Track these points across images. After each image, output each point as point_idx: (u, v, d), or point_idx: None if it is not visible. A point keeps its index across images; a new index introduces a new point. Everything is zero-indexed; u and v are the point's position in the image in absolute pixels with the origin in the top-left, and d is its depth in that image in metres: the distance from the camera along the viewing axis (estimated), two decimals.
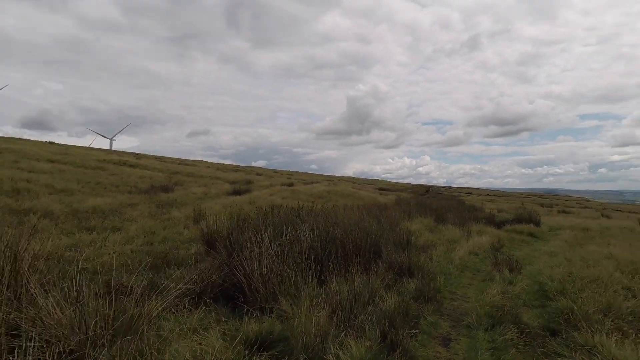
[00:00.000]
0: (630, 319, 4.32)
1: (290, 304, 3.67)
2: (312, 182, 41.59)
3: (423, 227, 11.71)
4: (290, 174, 65.55)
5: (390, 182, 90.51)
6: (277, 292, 3.87)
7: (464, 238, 10.21)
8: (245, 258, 4.09)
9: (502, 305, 4.55)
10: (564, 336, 3.86)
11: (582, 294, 4.90)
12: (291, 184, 30.96)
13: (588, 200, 76.63)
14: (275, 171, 66.67)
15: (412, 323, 4.00)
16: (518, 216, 15.53)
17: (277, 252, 4.47)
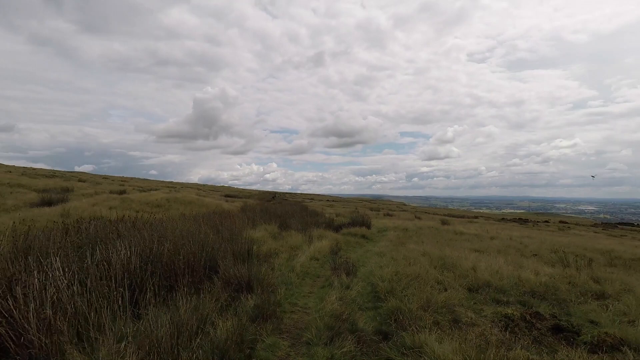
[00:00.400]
0: (443, 311, 4.80)
1: (87, 355, 2.71)
2: (151, 190, 37.51)
3: (267, 235, 11.48)
4: (124, 180, 57.82)
5: (238, 188, 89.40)
6: (67, 341, 2.83)
7: (306, 243, 10.37)
8: (17, 298, 2.89)
9: (340, 314, 4.49)
10: (394, 338, 3.96)
11: (407, 292, 5.28)
12: (123, 192, 27.12)
13: (405, 204, 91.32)
14: (105, 177, 57.79)
15: (248, 350, 3.49)
16: (353, 220, 16.94)
17: (74, 281, 3.37)
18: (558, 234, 27.52)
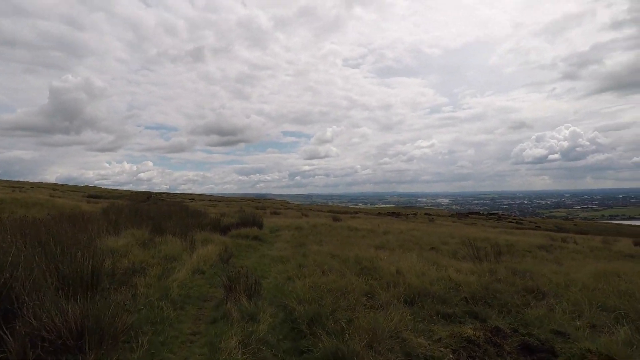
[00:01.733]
0: (392, 343, 3.42)
1: None
2: None
3: (134, 242, 8.83)
4: None
5: (105, 189, 77.70)
6: None
7: (187, 251, 8.16)
8: None
9: None
10: None
11: (337, 317, 3.77)
12: None
13: (288, 202, 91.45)
14: None
15: None
16: (242, 219, 14.94)
17: None
18: (433, 226, 29.89)
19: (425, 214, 76.14)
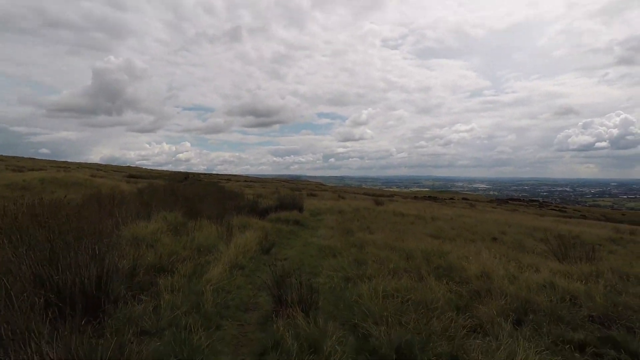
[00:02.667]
0: None
1: None
2: (33, 170, 29.95)
3: (165, 227, 7.99)
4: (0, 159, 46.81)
5: (146, 169, 79.93)
6: None
7: (224, 239, 7.18)
8: None
9: None
10: None
11: (438, 352, 2.55)
12: None
13: (323, 184, 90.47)
14: None
15: None
16: (281, 202, 13.95)
17: None
18: (477, 211, 27.87)
19: (463, 198, 73.08)
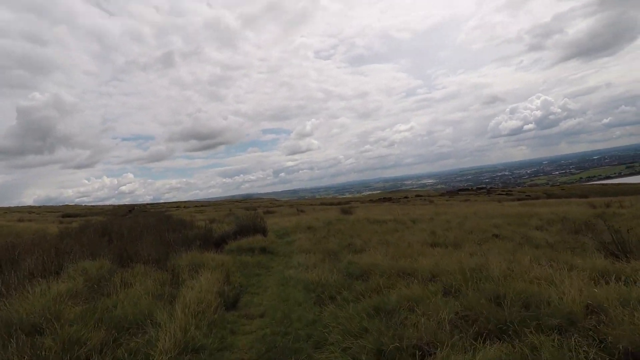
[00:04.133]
0: None
1: None
2: None
3: (80, 285, 5.54)
4: None
5: (86, 206, 72.62)
6: None
7: (166, 296, 4.90)
8: None
9: None
10: None
11: None
12: None
13: (276, 200, 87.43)
14: None
15: None
16: (240, 226, 11.62)
17: None
18: (442, 206, 27.04)
19: (416, 195, 73.72)
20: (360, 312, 3.54)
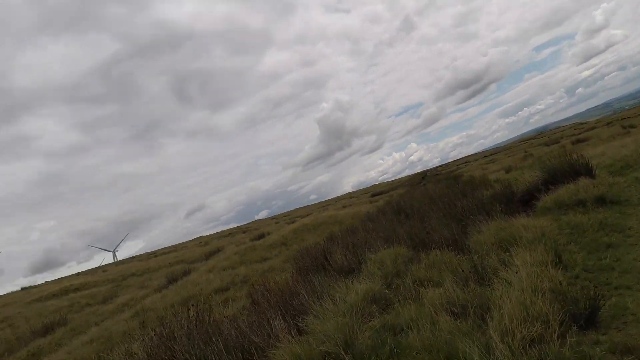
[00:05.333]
0: None
1: None
2: (304, 217, 34.21)
3: (376, 286, 4.95)
4: (286, 215, 59.79)
5: (387, 182, 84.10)
6: None
7: (470, 313, 3.42)
8: None
9: None
10: None
11: None
12: (261, 236, 23.67)
13: (581, 123, 68.98)
14: (274, 218, 60.37)
15: None
16: (548, 170, 8.60)
17: None
18: None
19: None
20: None
